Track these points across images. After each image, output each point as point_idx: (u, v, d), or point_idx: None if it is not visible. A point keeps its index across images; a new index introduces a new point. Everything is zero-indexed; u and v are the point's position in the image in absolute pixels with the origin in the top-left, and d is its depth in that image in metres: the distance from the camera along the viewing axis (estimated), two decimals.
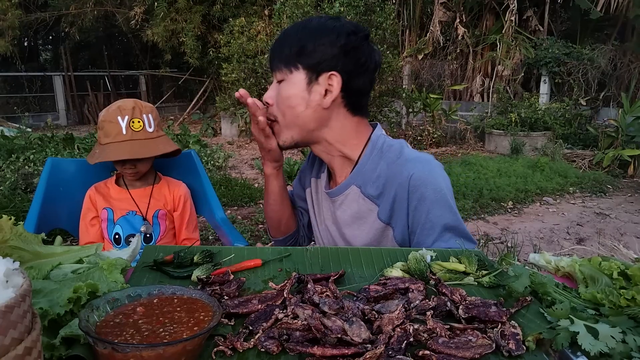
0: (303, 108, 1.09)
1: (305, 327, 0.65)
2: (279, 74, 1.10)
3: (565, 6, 9.35)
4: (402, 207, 1.10)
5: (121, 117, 1.54)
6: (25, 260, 0.76)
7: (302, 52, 1.07)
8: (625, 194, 5.62)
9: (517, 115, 7.80)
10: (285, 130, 1.13)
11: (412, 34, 10.37)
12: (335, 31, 1.07)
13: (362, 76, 1.11)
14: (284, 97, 1.10)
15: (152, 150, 1.57)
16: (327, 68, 1.07)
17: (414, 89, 8.86)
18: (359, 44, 1.09)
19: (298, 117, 1.10)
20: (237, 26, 8.97)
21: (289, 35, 1.10)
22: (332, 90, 1.08)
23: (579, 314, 0.67)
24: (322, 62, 1.07)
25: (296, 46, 1.07)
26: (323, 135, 1.14)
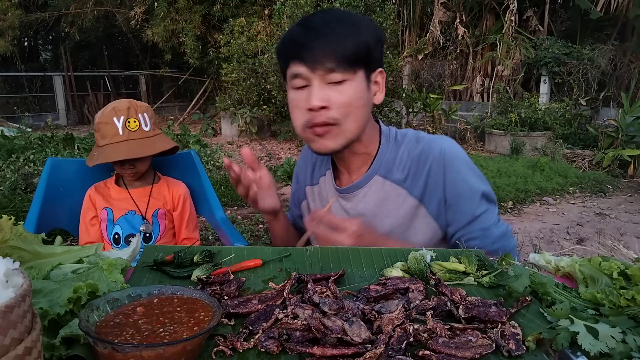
0: (367, 108, 1.08)
1: (305, 327, 0.65)
2: (337, 74, 1.00)
3: (565, 6, 9.35)
4: (437, 181, 1.12)
5: (117, 117, 1.54)
6: (25, 260, 0.76)
7: (365, 51, 1.02)
8: (625, 194, 5.62)
9: (517, 115, 7.80)
10: (345, 132, 1.06)
11: (412, 34, 10.37)
12: (377, 28, 1.08)
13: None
14: (352, 98, 1.03)
15: (149, 149, 1.57)
16: (377, 65, 1.08)
17: (414, 89, 8.85)
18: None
19: (362, 118, 1.07)
20: (237, 26, 8.98)
21: (343, 32, 1.01)
22: (380, 88, 1.10)
23: (579, 314, 0.67)
24: (376, 60, 1.07)
25: (362, 45, 1.02)
26: (362, 134, 1.11)
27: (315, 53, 1.00)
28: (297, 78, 1.03)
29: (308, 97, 1.02)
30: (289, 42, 1.05)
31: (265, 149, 7.97)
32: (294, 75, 1.03)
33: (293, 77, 1.04)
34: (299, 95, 1.04)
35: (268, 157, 7.27)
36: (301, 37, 1.02)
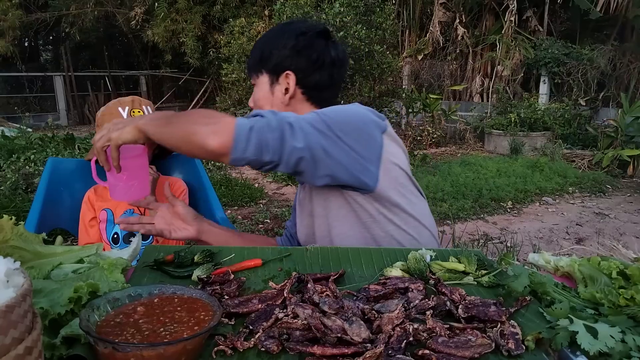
0: (269, 107, 1.22)
1: (305, 326, 0.65)
2: (252, 80, 1.26)
3: (565, 6, 9.34)
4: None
5: (122, 107, 1.57)
6: (26, 260, 0.76)
7: (262, 57, 1.21)
8: (624, 194, 5.62)
9: (517, 116, 7.80)
10: None
11: (412, 34, 10.37)
12: (285, 34, 1.20)
13: (318, 72, 1.19)
14: (255, 99, 1.24)
15: None
16: (282, 69, 1.19)
17: (413, 89, 8.86)
18: (310, 43, 1.18)
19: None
20: (238, 26, 8.97)
21: (255, 45, 1.25)
22: (289, 88, 1.20)
23: (578, 313, 0.67)
24: (278, 64, 1.19)
25: (258, 53, 1.22)
26: None
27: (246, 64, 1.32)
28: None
29: None
30: None
31: None
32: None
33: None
34: None
35: None
36: None
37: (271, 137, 0.91)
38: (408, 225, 1.13)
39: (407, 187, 1.14)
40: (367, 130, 1.05)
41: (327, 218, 1.14)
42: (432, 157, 7.15)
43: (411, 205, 1.14)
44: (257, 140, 0.90)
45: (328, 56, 1.19)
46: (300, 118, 0.97)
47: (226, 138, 0.89)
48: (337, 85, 1.26)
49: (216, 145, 0.89)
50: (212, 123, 0.91)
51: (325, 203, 1.13)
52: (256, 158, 0.91)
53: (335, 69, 1.21)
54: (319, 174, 0.98)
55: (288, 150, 0.92)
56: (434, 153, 7.65)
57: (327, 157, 0.96)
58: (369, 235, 1.12)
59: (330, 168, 0.98)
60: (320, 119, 0.98)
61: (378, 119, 1.10)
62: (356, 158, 1.00)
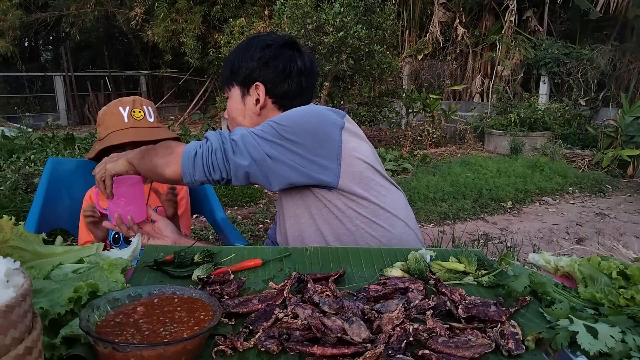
0: (242, 117, 1.28)
1: (305, 326, 0.65)
2: (225, 93, 1.32)
3: (565, 6, 9.34)
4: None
5: (122, 107, 1.57)
6: (26, 260, 0.76)
7: (232, 71, 1.26)
8: (624, 194, 5.62)
9: (517, 116, 7.80)
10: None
11: (412, 34, 10.37)
12: (252, 47, 1.24)
13: (287, 81, 1.24)
14: (228, 110, 1.32)
15: (155, 135, 1.57)
16: (252, 80, 1.24)
17: (413, 89, 8.85)
18: (276, 54, 1.23)
19: (239, 125, 1.27)
20: (238, 27, 8.97)
21: (226, 59, 1.31)
22: (259, 99, 1.25)
23: (579, 313, 0.67)
24: (247, 76, 1.24)
25: (228, 68, 1.28)
26: None
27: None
28: None
29: None
30: None
31: None
32: None
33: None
34: None
35: None
36: None
37: (215, 159, 1.02)
38: (378, 218, 1.15)
39: (374, 179, 1.16)
40: (323, 130, 1.09)
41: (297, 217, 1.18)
42: (432, 157, 7.15)
43: (380, 197, 1.16)
44: (201, 164, 1.02)
45: (295, 65, 1.24)
46: (250, 131, 1.05)
47: (176, 167, 1.04)
48: (308, 93, 1.31)
49: (171, 174, 1.05)
50: (167, 154, 1.05)
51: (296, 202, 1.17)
52: (206, 178, 1.03)
53: (304, 77, 1.26)
54: (272, 181, 1.06)
55: (233, 167, 1.02)
56: (434, 153, 7.65)
57: (277, 164, 1.03)
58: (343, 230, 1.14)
59: (282, 174, 1.05)
60: (270, 127, 1.05)
61: (335, 116, 1.14)
62: (312, 159, 1.06)
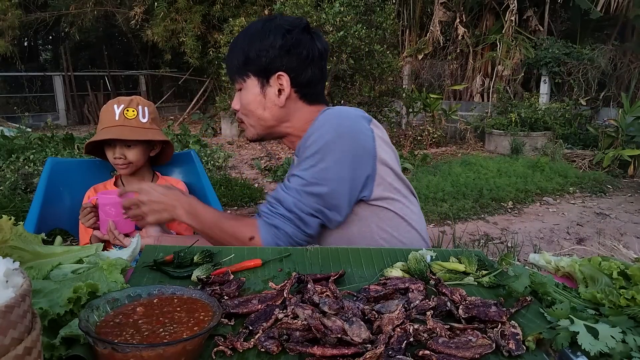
0: (262, 110, 1.20)
1: (305, 327, 0.65)
2: (237, 84, 1.22)
3: (565, 6, 9.34)
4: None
5: (117, 105, 1.59)
6: (25, 260, 0.76)
7: (248, 61, 1.17)
8: (625, 194, 5.62)
9: (517, 115, 7.80)
10: (250, 128, 1.25)
11: (412, 34, 10.37)
12: (269, 34, 1.15)
13: (309, 68, 1.17)
14: (244, 103, 1.21)
15: (140, 135, 1.58)
16: (273, 70, 1.16)
17: (414, 89, 8.85)
18: (298, 40, 1.15)
19: (259, 119, 1.21)
20: (237, 26, 8.96)
21: (235, 47, 1.20)
22: (284, 89, 1.17)
23: (579, 313, 0.67)
24: (267, 66, 1.15)
25: (241, 56, 1.17)
26: (285, 129, 1.23)
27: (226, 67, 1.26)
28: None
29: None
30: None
31: (265, 149, 7.97)
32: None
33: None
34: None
35: (268, 157, 7.27)
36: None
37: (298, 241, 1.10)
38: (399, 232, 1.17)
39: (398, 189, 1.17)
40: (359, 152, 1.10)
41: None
42: (433, 157, 7.15)
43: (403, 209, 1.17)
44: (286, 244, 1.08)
45: (316, 50, 1.18)
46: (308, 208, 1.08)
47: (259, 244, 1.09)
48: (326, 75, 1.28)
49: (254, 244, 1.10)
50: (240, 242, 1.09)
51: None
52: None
53: (323, 61, 1.22)
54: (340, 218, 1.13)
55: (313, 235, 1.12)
56: (434, 153, 7.65)
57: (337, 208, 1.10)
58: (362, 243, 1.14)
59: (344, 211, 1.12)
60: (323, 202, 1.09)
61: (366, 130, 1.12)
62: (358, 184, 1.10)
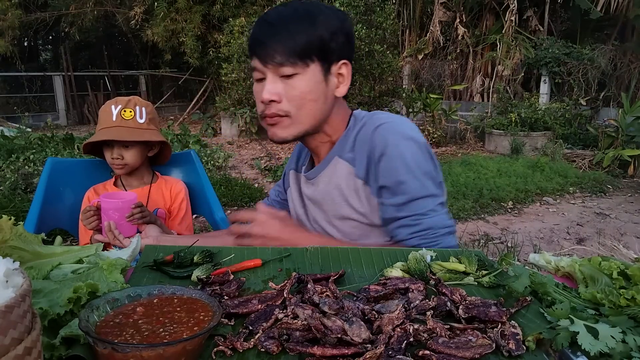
0: (322, 101, 1.08)
1: (305, 327, 0.65)
2: (287, 68, 1.03)
3: (565, 6, 9.34)
4: (371, 162, 1.09)
5: (115, 106, 1.60)
6: (25, 260, 0.76)
7: (318, 44, 1.03)
8: (625, 194, 5.62)
9: (517, 115, 7.80)
10: (297, 124, 1.09)
11: (412, 34, 10.38)
12: (340, 18, 1.07)
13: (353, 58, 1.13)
14: (303, 91, 1.05)
15: (135, 136, 1.58)
16: (337, 57, 1.07)
17: (414, 89, 8.86)
18: (352, 26, 1.12)
19: (317, 111, 1.09)
20: (237, 26, 8.97)
21: (294, 26, 1.03)
22: (344, 80, 1.09)
23: (579, 313, 0.67)
24: (335, 52, 1.06)
25: (313, 37, 1.02)
26: (324, 128, 1.15)
27: (267, 48, 1.03)
28: (255, 71, 1.08)
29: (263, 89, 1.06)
30: (250, 37, 1.10)
31: (265, 149, 7.97)
32: (253, 69, 1.09)
33: (253, 70, 1.09)
34: (258, 87, 1.09)
35: (268, 157, 7.27)
36: (257, 32, 1.07)
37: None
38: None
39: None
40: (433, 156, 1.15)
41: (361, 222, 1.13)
42: None
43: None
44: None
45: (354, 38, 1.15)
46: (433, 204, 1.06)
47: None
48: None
49: None
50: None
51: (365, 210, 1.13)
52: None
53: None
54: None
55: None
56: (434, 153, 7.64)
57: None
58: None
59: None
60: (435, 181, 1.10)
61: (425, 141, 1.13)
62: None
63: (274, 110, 1.06)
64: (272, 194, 1.44)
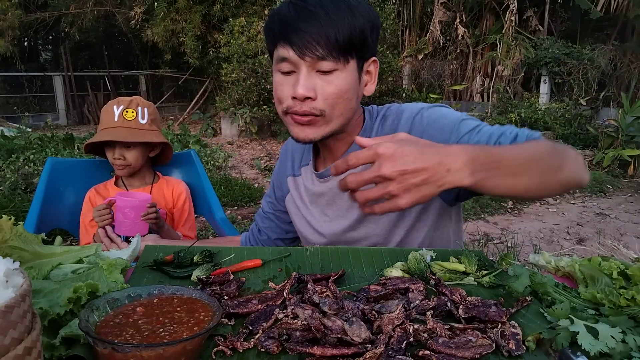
0: (355, 100, 1.01)
1: (305, 327, 0.65)
2: (327, 63, 0.92)
3: (565, 6, 9.34)
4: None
5: (117, 106, 1.59)
6: (25, 260, 0.76)
7: (360, 39, 0.94)
8: (625, 194, 5.62)
9: (517, 115, 7.80)
10: (329, 124, 0.99)
11: (412, 34, 10.38)
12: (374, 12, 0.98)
13: None
14: (341, 90, 0.95)
15: (138, 136, 1.58)
16: (370, 54, 1.00)
17: (414, 89, 8.86)
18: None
19: (349, 111, 1.00)
20: (237, 26, 8.97)
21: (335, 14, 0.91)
22: (372, 78, 1.03)
23: (579, 313, 0.67)
24: (370, 48, 0.98)
25: (353, 30, 0.92)
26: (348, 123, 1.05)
27: (306, 38, 0.91)
28: (285, 62, 0.95)
29: (294, 84, 0.94)
30: (279, 21, 0.95)
31: (265, 149, 7.97)
32: (281, 59, 0.95)
33: (280, 60, 0.96)
34: (285, 80, 0.97)
35: (268, 157, 7.27)
36: (292, 17, 0.92)
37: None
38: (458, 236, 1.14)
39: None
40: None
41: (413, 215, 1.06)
42: None
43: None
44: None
45: None
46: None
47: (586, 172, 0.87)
48: None
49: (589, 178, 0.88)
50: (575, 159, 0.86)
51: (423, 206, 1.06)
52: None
53: None
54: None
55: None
56: None
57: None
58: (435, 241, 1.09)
59: None
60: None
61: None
62: None
63: (306, 109, 0.95)
64: (265, 207, 1.36)
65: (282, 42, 0.94)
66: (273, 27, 0.97)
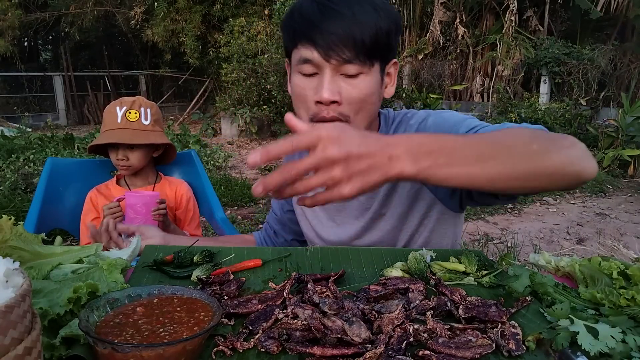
0: (377, 104, 0.97)
1: (305, 327, 0.65)
2: (353, 66, 0.88)
3: (565, 6, 9.35)
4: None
5: (120, 107, 1.59)
6: (25, 260, 0.76)
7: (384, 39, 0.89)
8: (625, 194, 5.61)
9: (517, 115, 7.80)
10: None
11: (412, 34, 10.38)
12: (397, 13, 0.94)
13: None
14: (365, 94, 0.91)
15: (141, 138, 1.58)
16: (392, 56, 0.96)
17: (414, 89, 8.86)
18: None
19: (371, 115, 0.97)
20: (237, 26, 8.98)
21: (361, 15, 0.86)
22: (391, 80, 0.99)
23: (579, 313, 0.67)
24: (392, 50, 0.94)
25: (379, 31, 0.87)
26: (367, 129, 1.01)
27: (331, 39, 0.85)
28: (307, 64, 0.89)
29: (318, 87, 0.89)
30: (300, 18, 0.90)
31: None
32: (304, 60, 0.90)
33: (302, 61, 0.90)
34: (307, 82, 0.91)
35: None
36: (316, 16, 0.87)
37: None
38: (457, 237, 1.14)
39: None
40: None
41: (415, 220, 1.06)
42: None
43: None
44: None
45: None
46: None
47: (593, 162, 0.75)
48: None
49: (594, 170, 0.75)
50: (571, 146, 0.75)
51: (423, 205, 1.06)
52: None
53: None
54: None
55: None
56: None
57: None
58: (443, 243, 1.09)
59: None
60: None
61: None
62: None
63: (334, 114, 0.90)
64: (276, 207, 1.33)
65: (304, 42, 0.89)
66: (294, 25, 0.92)
